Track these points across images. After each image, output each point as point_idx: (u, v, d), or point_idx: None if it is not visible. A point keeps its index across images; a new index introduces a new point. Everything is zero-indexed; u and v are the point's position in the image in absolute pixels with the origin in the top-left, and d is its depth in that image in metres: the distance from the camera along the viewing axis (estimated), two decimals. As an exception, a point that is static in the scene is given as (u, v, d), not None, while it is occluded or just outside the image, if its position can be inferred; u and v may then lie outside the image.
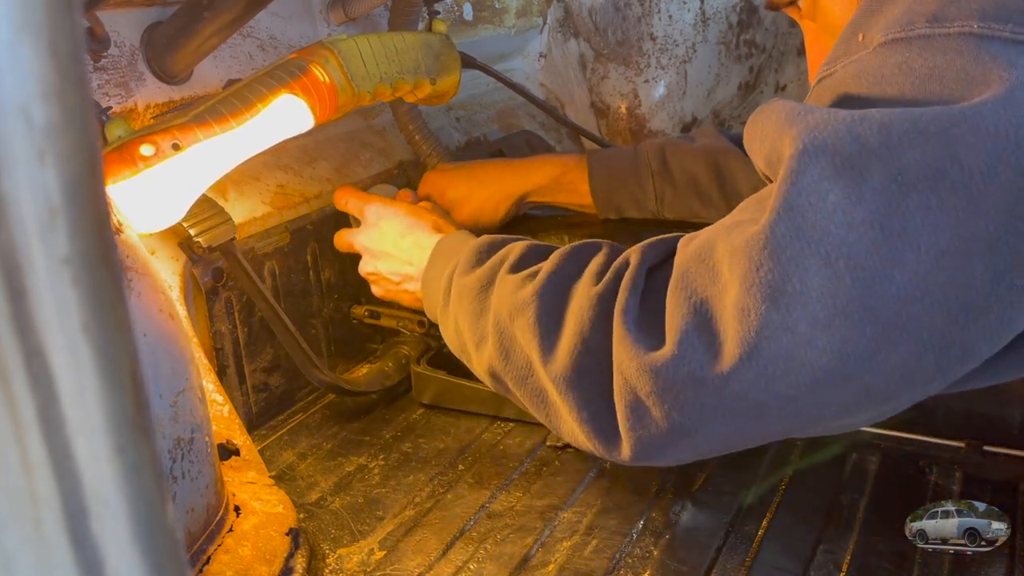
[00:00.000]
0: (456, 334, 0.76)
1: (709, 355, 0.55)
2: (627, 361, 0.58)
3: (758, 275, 0.52)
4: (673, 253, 0.63)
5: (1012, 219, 0.49)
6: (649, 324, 0.59)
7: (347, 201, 0.99)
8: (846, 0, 0.66)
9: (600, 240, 0.71)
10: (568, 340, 0.63)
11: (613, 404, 0.61)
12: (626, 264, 0.64)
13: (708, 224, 1.03)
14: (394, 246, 0.90)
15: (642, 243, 0.65)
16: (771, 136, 0.55)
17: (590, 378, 0.62)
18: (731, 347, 0.54)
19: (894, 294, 0.50)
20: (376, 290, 0.96)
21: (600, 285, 0.63)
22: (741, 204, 0.60)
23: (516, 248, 0.74)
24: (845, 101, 0.56)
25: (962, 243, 0.49)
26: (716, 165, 1.01)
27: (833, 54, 0.60)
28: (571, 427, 0.64)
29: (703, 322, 0.55)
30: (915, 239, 0.50)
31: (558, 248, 0.71)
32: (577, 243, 0.71)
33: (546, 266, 0.69)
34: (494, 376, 0.71)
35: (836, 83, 0.57)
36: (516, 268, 0.72)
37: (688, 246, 0.61)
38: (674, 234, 0.65)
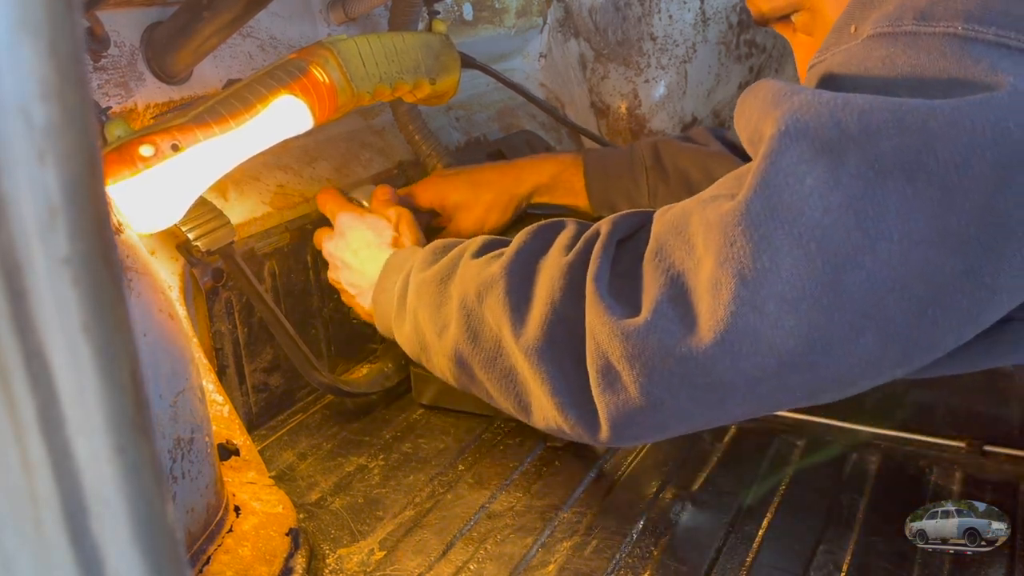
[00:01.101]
0: (414, 331, 0.76)
1: (681, 326, 0.55)
2: (599, 326, 0.59)
3: (731, 250, 0.53)
4: (643, 226, 0.63)
5: (986, 215, 0.50)
6: (621, 291, 0.60)
7: (325, 203, 1.00)
8: None
9: (565, 218, 0.71)
10: (539, 310, 0.63)
11: (586, 373, 0.61)
12: (596, 234, 0.64)
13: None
14: (354, 257, 0.91)
15: (612, 215, 0.65)
16: (756, 116, 0.56)
17: (562, 347, 0.62)
18: (703, 321, 0.54)
19: (864, 281, 0.51)
20: (343, 297, 0.97)
21: (571, 255, 0.64)
22: (720, 179, 0.60)
23: (476, 239, 0.75)
24: (828, 83, 0.56)
25: (935, 236, 0.50)
26: (706, 166, 1.02)
27: (826, 43, 0.61)
28: (543, 403, 0.64)
29: (678, 294, 0.56)
30: (888, 227, 0.50)
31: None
32: (542, 222, 0.71)
33: (512, 245, 0.69)
34: (459, 362, 0.71)
35: (824, 70, 0.58)
36: (479, 254, 0.72)
37: (664, 216, 0.61)
38: (645, 209, 0.66)
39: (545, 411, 0.65)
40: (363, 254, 0.90)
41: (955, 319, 0.52)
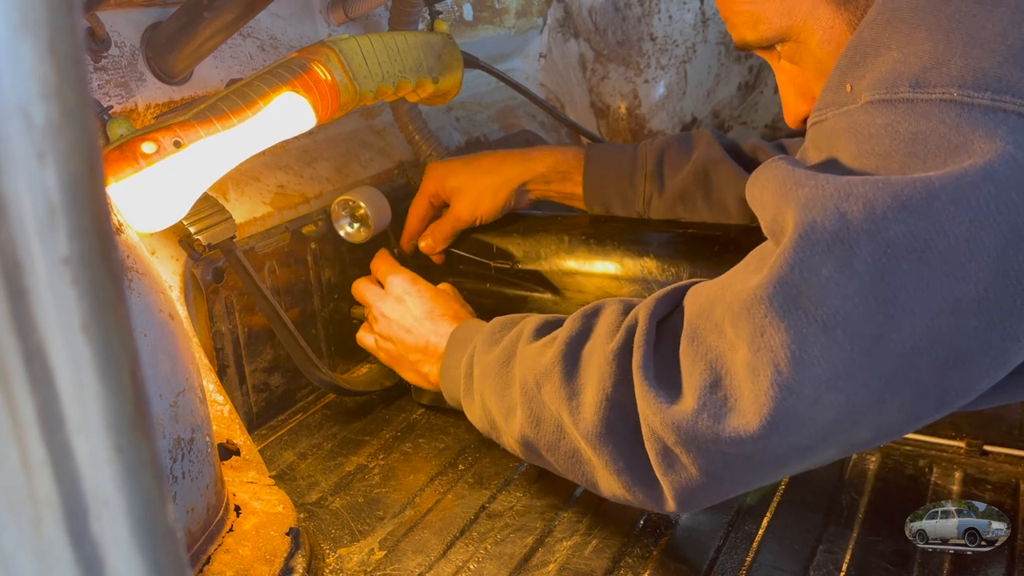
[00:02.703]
0: (483, 411, 0.80)
1: (726, 410, 0.58)
2: (651, 415, 0.62)
3: (763, 340, 0.55)
4: (677, 304, 0.67)
5: (1000, 278, 0.51)
6: (666, 376, 0.63)
7: (378, 267, 1.02)
8: (835, 43, 0.67)
9: (606, 300, 0.74)
10: (593, 397, 0.66)
11: (645, 453, 0.64)
12: (635, 321, 0.67)
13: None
14: (417, 324, 0.93)
15: (647, 299, 0.68)
16: (771, 207, 0.58)
17: (620, 431, 0.65)
18: (746, 405, 0.57)
19: (893, 352, 0.53)
20: (381, 355, 0.98)
21: (614, 342, 0.67)
22: (745, 258, 0.62)
23: (530, 321, 0.78)
24: (834, 164, 0.58)
25: (953, 303, 0.52)
26: (706, 174, 1.02)
27: (822, 100, 0.62)
28: (609, 481, 0.68)
29: (717, 380, 0.59)
30: (908, 305, 0.52)
31: (569, 316, 0.75)
32: (587, 306, 0.74)
33: (562, 331, 0.72)
34: (526, 445, 0.75)
35: (828, 133, 0.60)
36: (534, 338, 0.76)
37: (696, 300, 0.64)
38: (677, 285, 0.69)
39: (612, 488, 0.68)
40: (427, 324, 0.92)
41: (984, 369, 0.55)
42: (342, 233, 1.07)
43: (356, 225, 1.06)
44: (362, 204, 1.04)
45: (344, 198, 1.05)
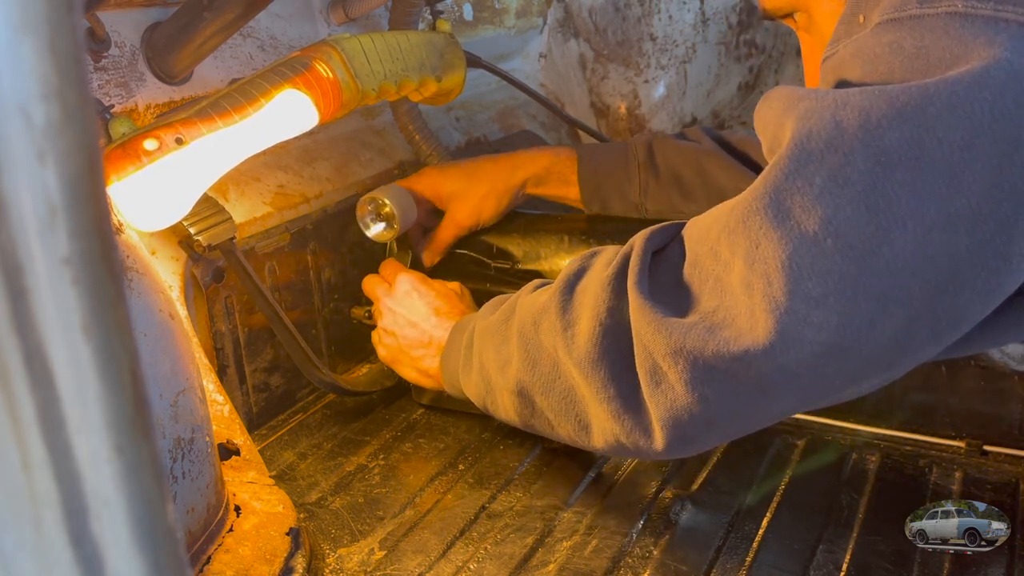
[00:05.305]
0: (480, 376, 0.79)
1: (720, 325, 0.57)
2: (644, 325, 0.61)
3: (757, 252, 0.55)
4: (674, 237, 0.67)
5: (995, 191, 0.51)
6: (662, 297, 0.63)
7: (386, 267, 1.02)
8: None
9: (604, 245, 0.75)
10: (587, 324, 0.66)
11: (636, 379, 0.63)
12: (631, 248, 0.67)
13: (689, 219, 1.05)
14: (423, 320, 0.93)
15: (644, 231, 0.68)
16: (772, 126, 0.58)
17: (612, 355, 0.65)
18: (739, 321, 0.56)
19: (884, 268, 0.52)
20: (381, 351, 0.98)
21: (610, 269, 0.67)
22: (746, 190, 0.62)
23: (531, 283, 0.79)
24: (840, 75, 0.58)
25: (948, 218, 0.51)
26: (699, 164, 1.03)
27: (835, 35, 0.62)
28: (600, 417, 0.66)
29: (718, 301, 0.58)
30: (901, 217, 0.52)
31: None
32: (585, 252, 0.74)
33: (561, 274, 0.73)
34: (521, 392, 0.74)
35: (837, 63, 0.60)
36: (533, 291, 0.76)
37: (694, 229, 0.64)
38: (673, 222, 0.68)
39: (603, 425, 0.67)
40: (433, 319, 0.93)
41: (975, 292, 0.54)
42: (368, 233, 1.05)
43: (382, 224, 1.05)
44: (387, 202, 1.03)
45: (370, 196, 1.04)
